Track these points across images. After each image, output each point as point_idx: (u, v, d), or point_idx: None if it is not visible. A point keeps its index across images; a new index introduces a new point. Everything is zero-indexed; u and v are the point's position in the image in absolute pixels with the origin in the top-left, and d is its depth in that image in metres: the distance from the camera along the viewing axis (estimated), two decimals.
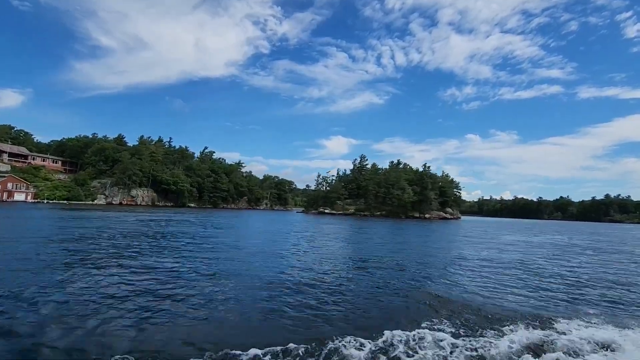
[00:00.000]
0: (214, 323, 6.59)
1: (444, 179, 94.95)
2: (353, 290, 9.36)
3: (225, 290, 8.85)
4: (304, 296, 8.62)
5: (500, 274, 13.05)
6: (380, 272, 12.36)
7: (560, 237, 37.69)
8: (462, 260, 16.34)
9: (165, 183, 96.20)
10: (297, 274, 11.07)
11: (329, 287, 9.61)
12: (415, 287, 10.27)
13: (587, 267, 15.94)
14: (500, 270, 14.07)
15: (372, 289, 9.77)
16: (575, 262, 17.58)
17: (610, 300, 9.82)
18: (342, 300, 8.40)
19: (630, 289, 11.45)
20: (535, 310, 8.28)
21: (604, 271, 14.91)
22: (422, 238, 29.87)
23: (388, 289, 9.78)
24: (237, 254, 15.13)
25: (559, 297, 9.91)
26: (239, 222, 37.25)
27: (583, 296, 10.07)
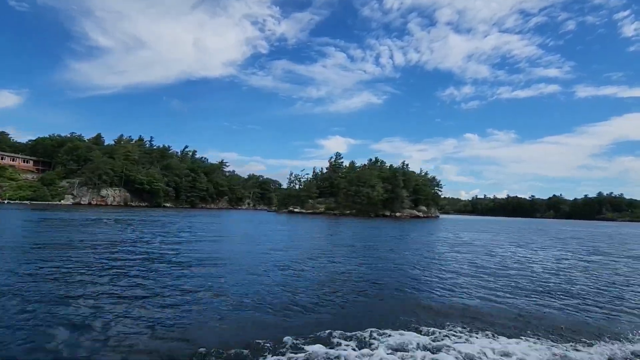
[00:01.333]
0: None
1: (421, 177, 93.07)
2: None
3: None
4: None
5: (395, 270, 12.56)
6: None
7: (493, 236, 35.83)
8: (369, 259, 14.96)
9: (138, 183, 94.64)
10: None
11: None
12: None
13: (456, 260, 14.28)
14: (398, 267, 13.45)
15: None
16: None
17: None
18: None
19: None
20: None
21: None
22: (359, 238, 28.09)
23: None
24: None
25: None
26: (185, 224, 35.43)
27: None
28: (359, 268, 13.29)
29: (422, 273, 12.78)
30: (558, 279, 12.68)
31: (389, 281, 11.10)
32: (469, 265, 14.77)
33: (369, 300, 8.80)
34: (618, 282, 12.46)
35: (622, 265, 16.82)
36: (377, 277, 11.72)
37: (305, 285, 9.90)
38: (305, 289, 9.44)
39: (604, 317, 8.14)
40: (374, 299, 8.96)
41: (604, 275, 13.77)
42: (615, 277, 13.45)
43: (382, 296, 9.24)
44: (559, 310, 8.56)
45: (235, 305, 7.73)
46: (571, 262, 17.40)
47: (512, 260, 17.08)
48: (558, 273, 13.94)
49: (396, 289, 9.96)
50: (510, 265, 15.37)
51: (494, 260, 17.08)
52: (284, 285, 9.81)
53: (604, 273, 14.34)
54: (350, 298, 8.87)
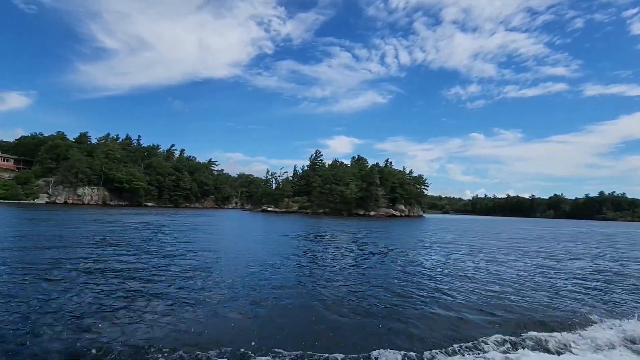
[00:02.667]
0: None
1: (402, 175, 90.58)
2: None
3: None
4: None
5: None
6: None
7: (442, 236, 33.76)
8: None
9: (118, 181, 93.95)
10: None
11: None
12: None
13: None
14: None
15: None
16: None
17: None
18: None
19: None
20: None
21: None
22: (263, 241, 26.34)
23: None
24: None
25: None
26: (143, 226, 34.04)
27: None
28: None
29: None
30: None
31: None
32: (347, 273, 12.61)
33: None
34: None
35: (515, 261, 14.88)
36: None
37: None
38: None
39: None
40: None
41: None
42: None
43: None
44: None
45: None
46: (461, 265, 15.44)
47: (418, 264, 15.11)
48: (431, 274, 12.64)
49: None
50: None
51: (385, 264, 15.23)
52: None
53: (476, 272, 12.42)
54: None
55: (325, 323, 7.09)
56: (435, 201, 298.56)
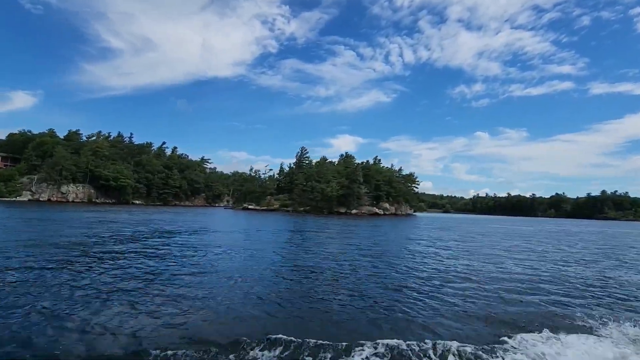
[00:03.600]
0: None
1: (390, 172, 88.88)
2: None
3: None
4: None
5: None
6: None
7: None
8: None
9: (104, 179, 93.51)
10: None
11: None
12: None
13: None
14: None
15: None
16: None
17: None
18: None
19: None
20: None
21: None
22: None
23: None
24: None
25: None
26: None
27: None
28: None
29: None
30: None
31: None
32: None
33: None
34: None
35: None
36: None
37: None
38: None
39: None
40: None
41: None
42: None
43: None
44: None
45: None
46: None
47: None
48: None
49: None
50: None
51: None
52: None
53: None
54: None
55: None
56: (436, 200, 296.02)
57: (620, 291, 10.95)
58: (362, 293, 9.31)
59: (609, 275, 13.74)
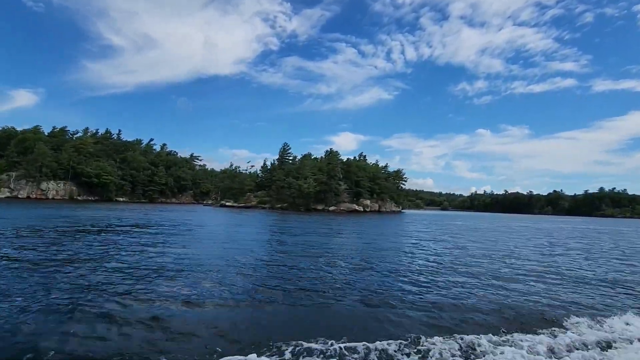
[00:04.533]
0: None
1: (376, 169, 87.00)
2: None
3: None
4: None
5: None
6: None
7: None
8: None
9: (86, 176, 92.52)
10: None
11: None
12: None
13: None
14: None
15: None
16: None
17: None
18: None
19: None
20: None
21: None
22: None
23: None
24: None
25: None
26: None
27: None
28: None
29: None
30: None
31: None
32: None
33: None
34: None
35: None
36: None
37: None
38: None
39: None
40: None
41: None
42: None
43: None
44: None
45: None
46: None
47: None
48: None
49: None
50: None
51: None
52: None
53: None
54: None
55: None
56: (434, 197, 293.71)
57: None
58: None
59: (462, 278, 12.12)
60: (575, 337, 6.32)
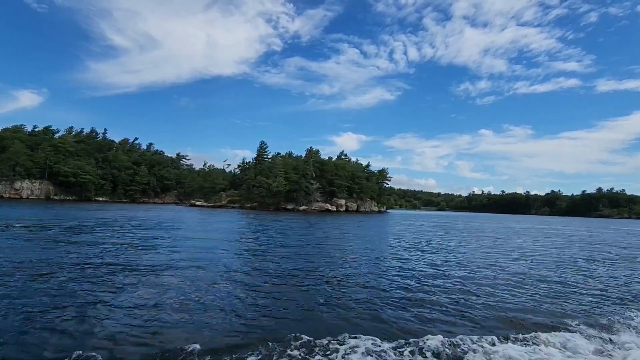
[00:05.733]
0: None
1: (356, 168, 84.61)
2: None
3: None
4: None
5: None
6: None
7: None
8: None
9: (63, 175, 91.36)
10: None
11: None
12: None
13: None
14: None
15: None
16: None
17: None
18: None
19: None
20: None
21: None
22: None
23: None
24: None
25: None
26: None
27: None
28: None
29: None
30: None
31: None
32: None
33: None
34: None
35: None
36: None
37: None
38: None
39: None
40: None
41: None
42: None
43: None
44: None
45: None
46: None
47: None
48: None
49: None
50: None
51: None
52: None
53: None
54: None
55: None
56: (432, 198, 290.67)
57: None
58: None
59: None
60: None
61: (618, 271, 14.33)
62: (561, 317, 7.72)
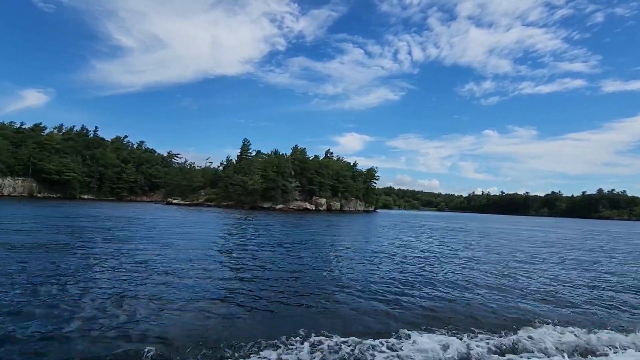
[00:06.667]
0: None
1: (338, 165, 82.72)
2: None
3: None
4: None
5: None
6: None
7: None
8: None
9: (46, 172, 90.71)
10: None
11: None
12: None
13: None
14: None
15: None
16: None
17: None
18: None
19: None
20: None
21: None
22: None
23: None
24: None
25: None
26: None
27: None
28: None
29: None
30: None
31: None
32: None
33: None
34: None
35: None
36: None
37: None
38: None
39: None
40: None
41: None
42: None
43: None
44: None
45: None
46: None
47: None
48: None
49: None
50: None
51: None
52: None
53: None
54: None
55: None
56: (432, 198, 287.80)
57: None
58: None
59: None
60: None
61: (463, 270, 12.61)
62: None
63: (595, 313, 8.18)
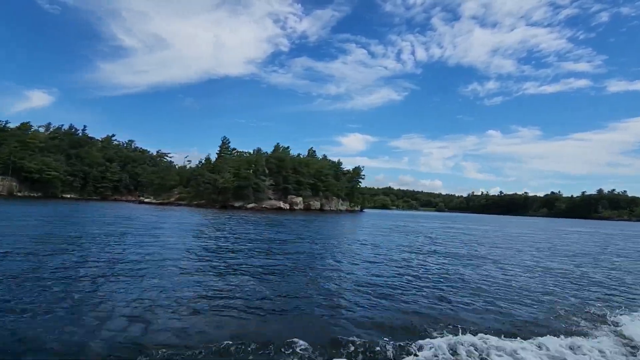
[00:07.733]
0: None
1: (320, 164, 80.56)
2: None
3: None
4: None
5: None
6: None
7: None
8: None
9: (26, 171, 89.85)
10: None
11: None
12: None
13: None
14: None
15: None
16: None
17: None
18: None
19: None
20: None
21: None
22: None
23: None
24: None
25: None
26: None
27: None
28: None
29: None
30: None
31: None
32: None
33: None
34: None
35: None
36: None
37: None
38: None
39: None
40: None
41: None
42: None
43: None
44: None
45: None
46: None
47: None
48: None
49: None
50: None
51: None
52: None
53: None
54: None
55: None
56: (431, 198, 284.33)
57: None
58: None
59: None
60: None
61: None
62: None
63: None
